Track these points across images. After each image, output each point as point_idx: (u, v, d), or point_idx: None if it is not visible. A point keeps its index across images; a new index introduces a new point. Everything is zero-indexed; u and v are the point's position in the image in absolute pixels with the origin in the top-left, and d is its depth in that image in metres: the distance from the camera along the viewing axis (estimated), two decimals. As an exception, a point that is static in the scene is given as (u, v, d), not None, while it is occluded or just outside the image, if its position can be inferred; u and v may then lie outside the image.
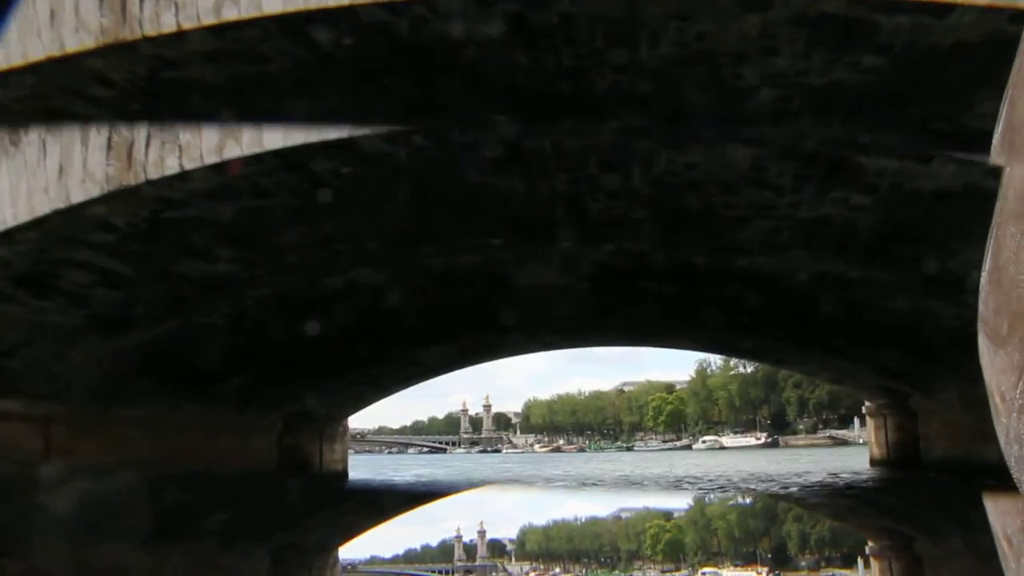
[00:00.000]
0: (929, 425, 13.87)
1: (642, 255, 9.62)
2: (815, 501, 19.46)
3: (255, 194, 6.99)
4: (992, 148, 1.29)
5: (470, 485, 24.65)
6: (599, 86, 5.42)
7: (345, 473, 19.64)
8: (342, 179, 7.24)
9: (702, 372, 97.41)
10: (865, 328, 11.80)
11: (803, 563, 64.14)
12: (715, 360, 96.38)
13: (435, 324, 13.92)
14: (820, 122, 5.56)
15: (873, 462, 18.06)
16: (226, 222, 7.45)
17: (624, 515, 74.05)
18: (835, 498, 18.13)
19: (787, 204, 6.88)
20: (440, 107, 5.91)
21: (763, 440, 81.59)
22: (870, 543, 18.69)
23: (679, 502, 68.81)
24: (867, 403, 18.47)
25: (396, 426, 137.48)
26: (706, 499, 67.26)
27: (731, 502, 66.50)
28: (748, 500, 65.31)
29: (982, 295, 1.38)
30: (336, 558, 20.74)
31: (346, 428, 19.79)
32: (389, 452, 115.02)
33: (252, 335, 11.52)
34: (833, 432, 79.73)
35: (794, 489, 18.51)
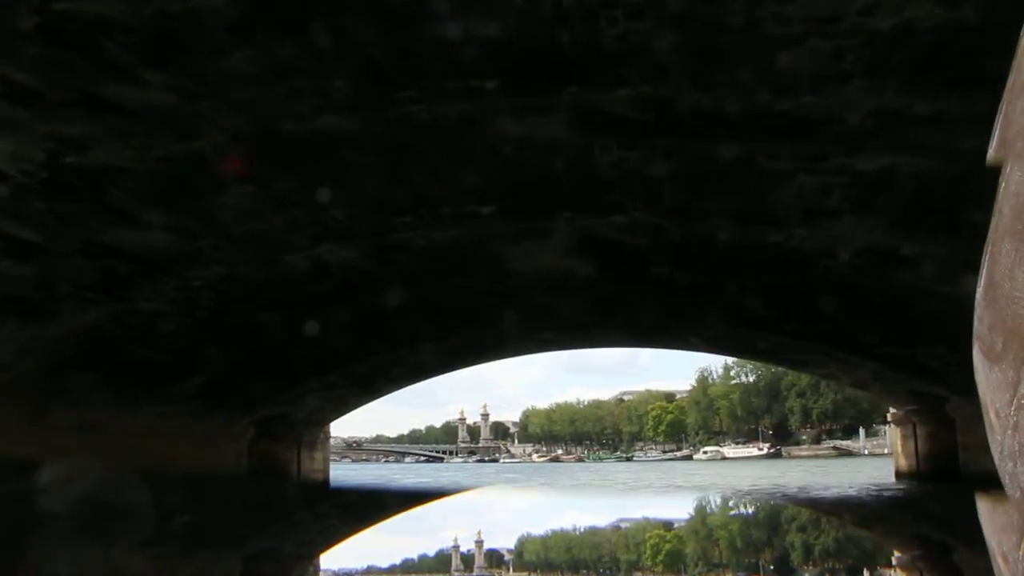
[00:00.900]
0: (971, 434, 12.40)
1: (656, 230, 8.19)
2: (843, 507, 18.01)
3: (179, 134, 5.57)
4: (987, 157, 1.32)
5: (442, 493, 25.27)
6: None
7: (326, 482, 18.18)
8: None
9: (703, 381, 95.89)
10: (906, 320, 10.37)
11: (807, 574, 62.51)
12: (716, 369, 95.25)
13: (421, 317, 12.51)
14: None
15: (900, 475, 16.58)
16: (148, 174, 6.02)
17: (624, 525, 72.88)
18: (864, 503, 16.67)
19: (846, 147, 5.47)
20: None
21: (765, 451, 79.95)
22: (897, 553, 17.24)
23: (680, 511, 67.52)
24: (892, 410, 17.02)
25: (393, 435, 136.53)
26: (707, 508, 66.00)
27: (733, 512, 65.19)
28: (751, 510, 64.11)
29: (977, 311, 1.42)
30: (317, 566, 19.26)
31: (328, 435, 18.35)
32: (386, 461, 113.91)
33: (207, 326, 10.09)
34: (837, 443, 78.14)
35: (826, 495, 17.15)
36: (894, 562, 17.92)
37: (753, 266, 9.67)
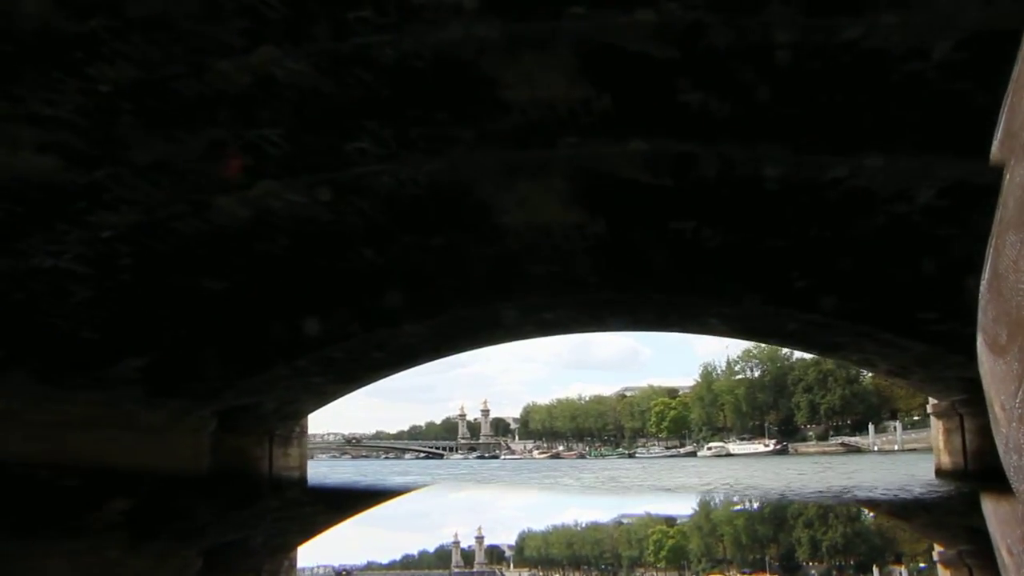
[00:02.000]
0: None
1: (685, 162, 6.43)
2: (883, 500, 16.34)
3: None
4: (992, 151, 1.36)
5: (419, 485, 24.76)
6: None
7: (303, 481, 16.43)
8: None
9: (707, 376, 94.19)
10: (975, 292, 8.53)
11: (813, 571, 61.09)
12: (720, 364, 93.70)
13: (399, 289, 10.76)
14: None
15: (942, 473, 14.79)
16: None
17: (626, 520, 71.92)
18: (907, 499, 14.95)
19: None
20: None
21: (772, 447, 78.24)
22: (939, 548, 15.47)
23: (683, 507, 66.44)
24: (933, 400, 15.24)
25: (393, 431, 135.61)
26: (711, 504, 64.83)
27: (737, 507, 63.88)
28: (755, 505, 62.89)
29: (981, 303, 1.49)
30: (293, 560, 17.50)
31: (305, 429, 16.58)
32: (386, 458, 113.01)
33: (135, 294, 8.33)
34: (845, 439, 76.40)
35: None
36: (935, 557, 16.11)
37: (800, 218, 7.91)
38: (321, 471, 23.85)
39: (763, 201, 7.16)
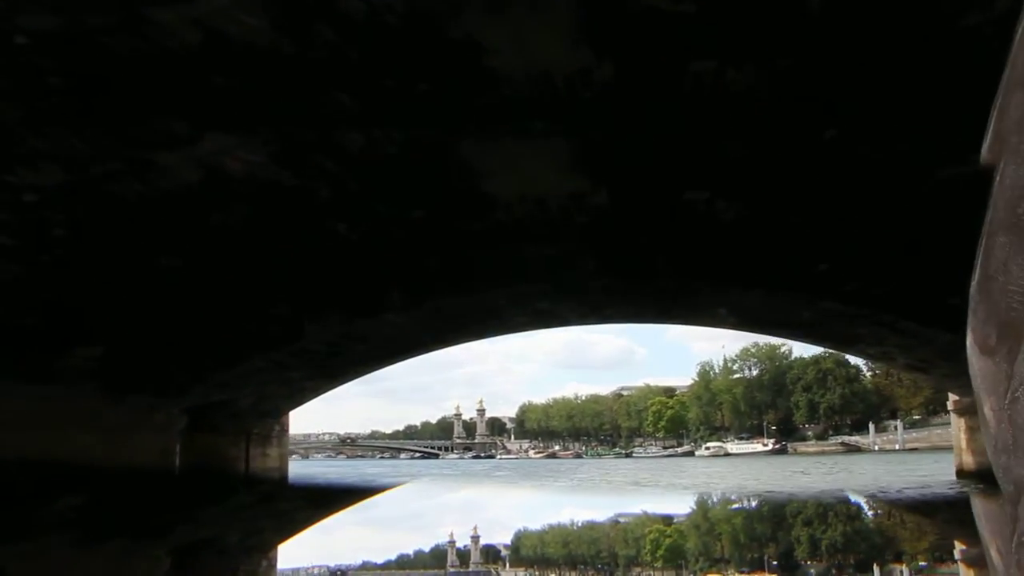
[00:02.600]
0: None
1: (703, 123, 5.48)
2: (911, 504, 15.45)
3: None
4: (982, 152, 1.39)
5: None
6: None
7: (282, 481, 15.46)
8: None
9: (704, 375, 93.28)
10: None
11: (813, 570, 60.04)
12: (718, 362, 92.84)
13: (379, 272, 9.82)
14: None
15: (964, 474, 13.86)
16: None
17: (622, 520, 71.04)
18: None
19: None
20: None
21: (771, 447, 77.35)
22: (962, 546, 14.52)
23: (680, 506, 65.61)
24: (954, 397, 14.32)
25: (389, 431, 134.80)
26: (709, 502, 63.99)
27: (735, 505, 63.00)
28: (754, 503, 62.09)
29: (971, 304, 1.45)
30: (273, 560, 16.37)
31: (285, 427, 15.61)
32: (381, 457, 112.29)
33: (76, 272, 7.35)
34: (845, 438, 75.54)
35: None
36: (957, 556, 15.15)
37: (827, 193, 6.96)
38: (310, 471, 22.96)
39: (786, 171, 6.22)
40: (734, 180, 6.89)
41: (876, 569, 53.36)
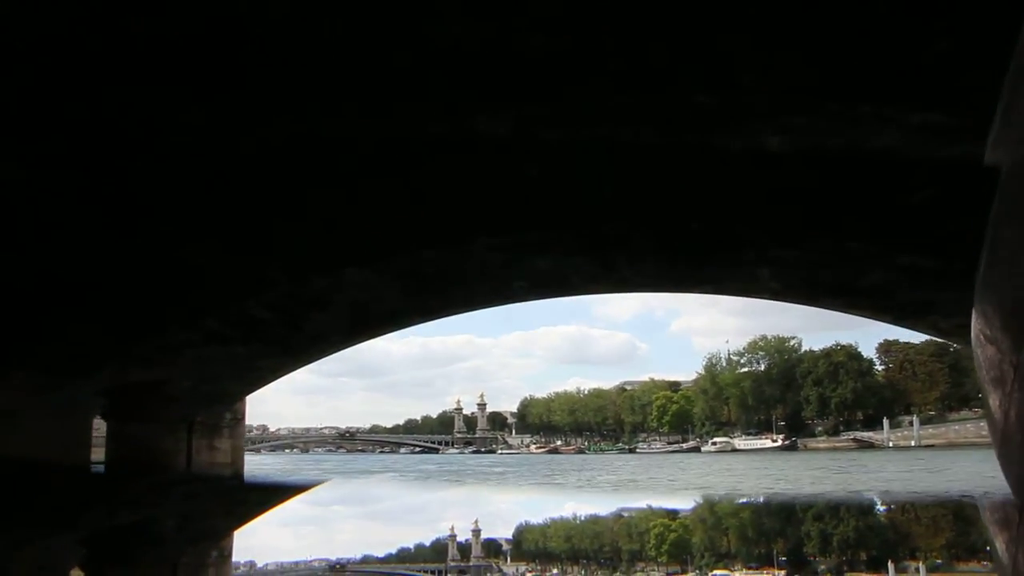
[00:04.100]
0: None
1: None
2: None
3: None
4: (987, 147, 1.51)
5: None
6: None
7: (236, 479, 13.06)
8: None
9: (710, 369, 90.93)
10: None
11: (823, 566, 58.04)
12: (724, 356, 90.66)
13: (330, 213, 7.50)
14: None
15: None
16: None
17: (626, 514, 69.55)
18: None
19: None
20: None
21: (780, 442, 75.01)
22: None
23: (685, 500, 63.93)
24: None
25: (389, 425, 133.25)
26: (715, 496, 62.22)
27: (743, 499, 61.13)
28: (762, 497, 60.33)
29: (977, 296, 1.71)
30: (226, 550, 13.75)
31: (240, 416, 13.21)
32: (381, 452, 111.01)
33: None
34: (857, 434, 73.19)
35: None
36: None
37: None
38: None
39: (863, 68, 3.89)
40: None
41: (890, 566, 51.13)
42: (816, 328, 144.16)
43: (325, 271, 8.88)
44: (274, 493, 14.09)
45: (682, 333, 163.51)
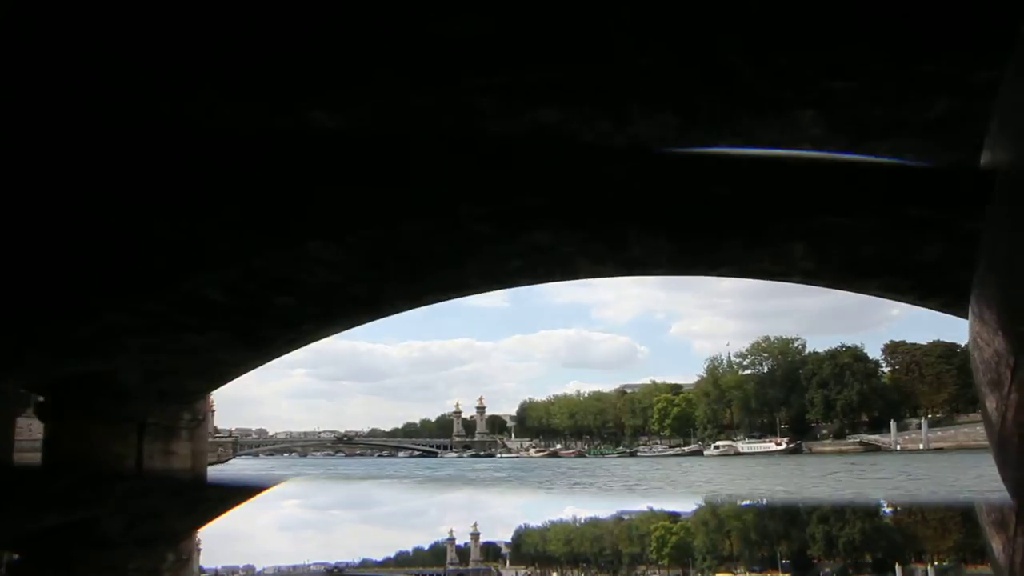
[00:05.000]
0: None
1: None
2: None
3: None
4: (983, 154, 1.46)
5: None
6: None
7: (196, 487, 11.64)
8: None
9: (713, 371, 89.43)
10: None
11: (828, 569, 56.68)
12: (726, 357, 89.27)
13: (290, 177, 6.12)
14: None
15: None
16: None
17: (627, 517, 68.55)
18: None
19: None
20: None
21: (784, 446, 73.50)
22: None
23: (687, 503, 62.90)
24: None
25: (388, 429, 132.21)
26: (717, 499, 61.10)
27: (746, 502, 59.92)
28: (765, 499, 59.11)
29: (973, 297, 1.64)
30: (184, 554, 12.15)
31: (201, 417, 11.79)
32: (379, 455, 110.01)
33: None
34: (864, 437, 71.71)
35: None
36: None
37: None
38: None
39: None
40: None
41: (898, 569, 49.83)
42: (817, 332, 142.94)
43: (283, 244, 7.51)
44: (234, 492, 12.70)
45: (682, 336, 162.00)
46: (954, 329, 68.86)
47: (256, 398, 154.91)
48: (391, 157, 6.21)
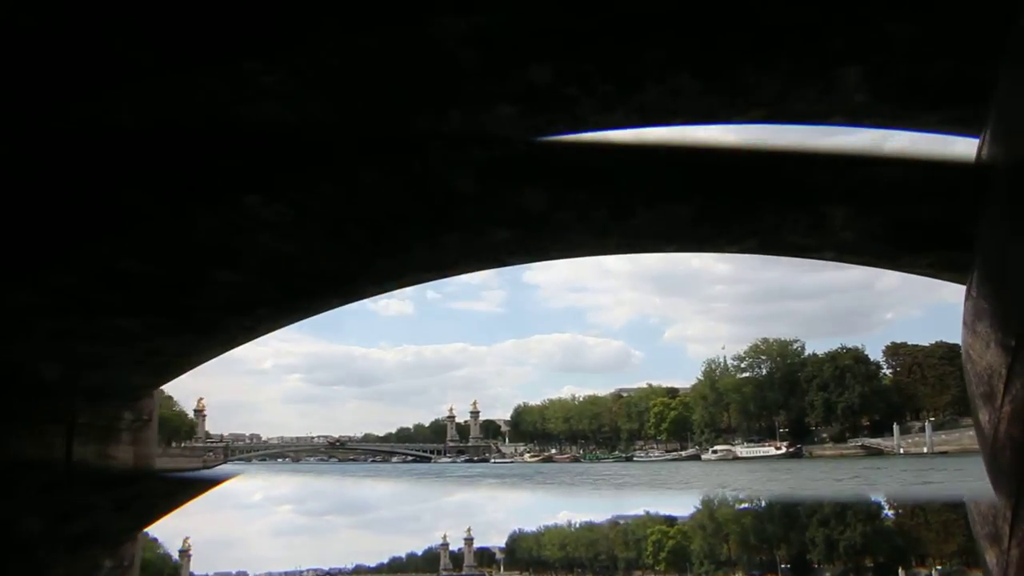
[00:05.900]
0: None
1: None
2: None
3: None
4: (979, 151, 1.50)
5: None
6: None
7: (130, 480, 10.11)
8: None
9: (710, 374, 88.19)
10: None
11: (829, 573, 55.55)
12: (723, 360, 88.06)
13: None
14: None
15: None
16: None
17: (622, 521, 67.66)
18: None
19: None
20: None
21: (784, 450, 72.29)
22: None
23: (684, 506, 61.80)
24: None
25: (382, 433, 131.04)
26: (715, 502, 60.05)
27: (743, 505, 58.83)
28: (763, 503, 58.07)
29: (967, 301, 1.74)
30: (127, 560, 10.50)
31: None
32: (372, 461, 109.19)
33: None
34: (866, 440, 70.55)
35: None
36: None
37: None
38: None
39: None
40: None
41: (900, 572, 48.57)
42: (810, 336, 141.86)
43: (209, 198, 6.07)
44: (180, 486, 11.26)
45: (676, 341, 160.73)
46: (950, 331, 67.82)
47: (251, 403, 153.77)
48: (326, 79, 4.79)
